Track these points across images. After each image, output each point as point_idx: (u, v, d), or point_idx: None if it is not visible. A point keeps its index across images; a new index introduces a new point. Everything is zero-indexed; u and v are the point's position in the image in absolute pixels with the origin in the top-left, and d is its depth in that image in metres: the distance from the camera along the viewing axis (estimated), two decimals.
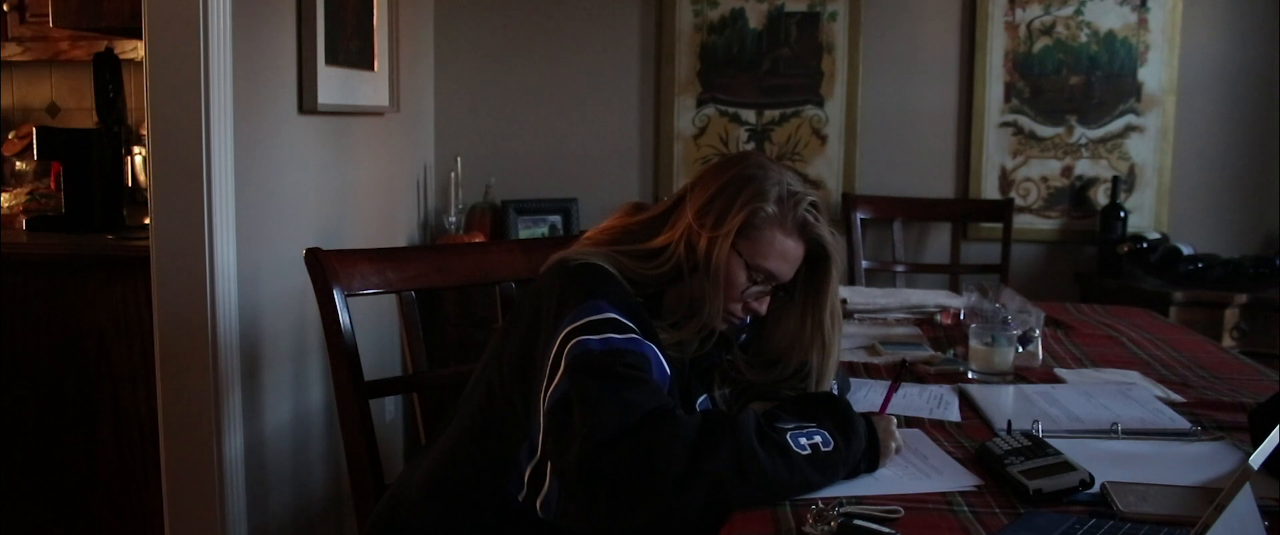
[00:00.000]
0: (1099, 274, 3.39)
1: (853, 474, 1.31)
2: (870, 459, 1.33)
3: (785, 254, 1.45)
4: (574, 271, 1.41)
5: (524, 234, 3.51)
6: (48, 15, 2.87)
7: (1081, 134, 3.49)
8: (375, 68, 3.02)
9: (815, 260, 1.49)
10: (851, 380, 1.76)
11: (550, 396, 1.29)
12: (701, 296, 1.44)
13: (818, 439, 1.28)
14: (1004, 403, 1.67)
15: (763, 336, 1.56)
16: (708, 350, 1.51)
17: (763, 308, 1.49)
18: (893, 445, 1.37)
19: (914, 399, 1.69)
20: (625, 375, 1.27)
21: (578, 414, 1.25)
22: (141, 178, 3.16)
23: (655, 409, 1.25)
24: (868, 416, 1.37)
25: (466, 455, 1.46)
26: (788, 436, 1.27)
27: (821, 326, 1.50)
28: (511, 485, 1.38)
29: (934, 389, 1.75)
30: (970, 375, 1.85)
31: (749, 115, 3.60)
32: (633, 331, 1.33)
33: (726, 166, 1.49)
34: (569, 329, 1.32)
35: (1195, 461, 1.40)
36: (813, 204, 1.46)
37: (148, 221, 2.33)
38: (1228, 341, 3.02)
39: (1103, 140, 3.48)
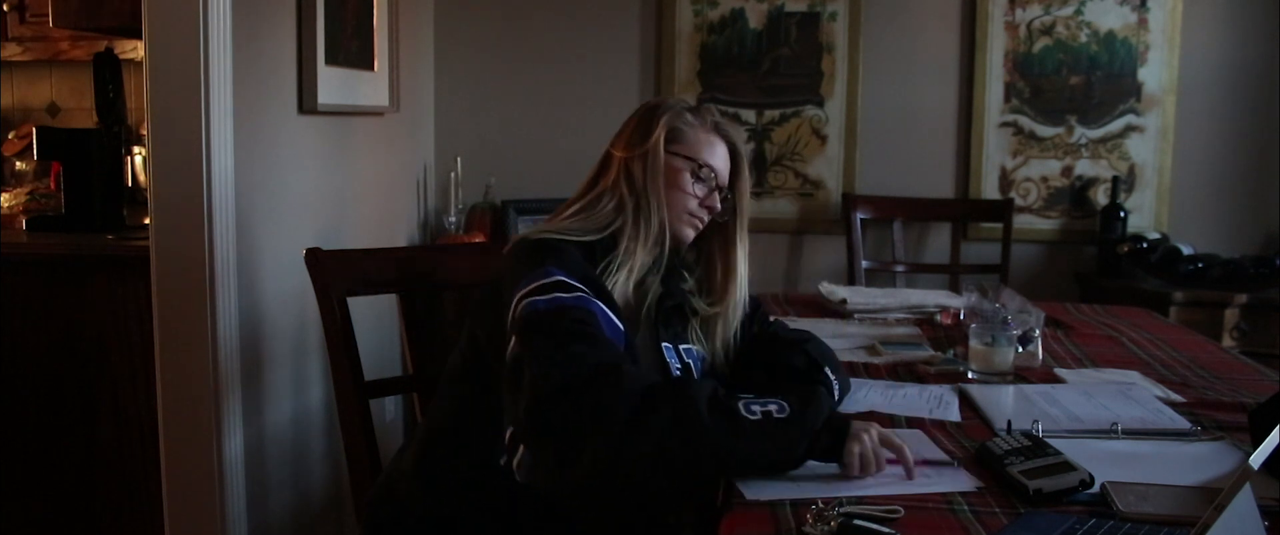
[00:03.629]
0: (1099, 274, 3.39)
1: (813, 450, 1.29)
2: (831, 442, 1.30)
3: (715, 150, 1.60)
4: (529, 246, 1.50)
5: None
6: (48, 15, 2.87)
7: (1081, 134, 3.49)
8: (375, 68, 3.02)
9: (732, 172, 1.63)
10: (852, 380, 1.76)
11: (508, 359, 1.35)
12: (651, 214, 1.53)
13: (772, 407, 1.30)
14: (1004, 403, 1.67)
15: (703, 261, 1.67)
16: (668, 282, 1.59)
17: (716, 204, 1.59)
18: (856, 447, 1.29)
19: (914, 399, 1.68)
20: (571, 330, 1.32)
21: (526, 370, 1.30)
22: (141, 178, 3.16)
23: (601, 363, 1.29)
24: (845, 415, 1.41)
25: (452, 425, 1.53)
26: (739, 402, 1.29)
27: (739, 229, 1.63)
28: (496, 451, 1.43)
29: (934, 389, 1.75)
30: (970, 375, 1.85)
31: (749, 115, 3.60)
32: (580, 291, 1.39)
33: (634, 112, 1.65)
34: (521, 293, 1.39)
35: (1195, 461, 1.40)
36: (717, 112, 1.65)
37: (148, 221, 2.33)
38: (1228, 341, 3.01)
39: (1103, 140, 3.48)
